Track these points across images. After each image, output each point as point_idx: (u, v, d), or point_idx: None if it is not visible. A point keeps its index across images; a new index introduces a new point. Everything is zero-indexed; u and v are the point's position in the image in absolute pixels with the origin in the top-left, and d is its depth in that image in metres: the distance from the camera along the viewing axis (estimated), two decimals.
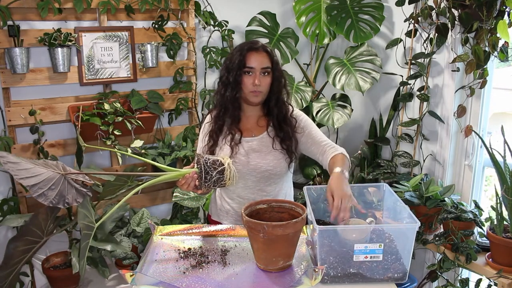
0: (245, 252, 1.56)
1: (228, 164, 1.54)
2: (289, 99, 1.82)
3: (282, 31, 2.96)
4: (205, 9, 2.80)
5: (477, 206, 2.25)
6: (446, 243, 2.19)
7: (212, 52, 2.80)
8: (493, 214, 2.04)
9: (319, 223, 1.56)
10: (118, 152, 2.38)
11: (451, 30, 2.36)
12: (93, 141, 2.45)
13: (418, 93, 2.54)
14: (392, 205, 1.64)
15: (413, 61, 2.56)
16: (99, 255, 2.29)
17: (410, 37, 2.57)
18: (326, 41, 2.82)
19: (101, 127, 2.41)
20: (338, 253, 1.38)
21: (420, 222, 1.62)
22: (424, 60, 2.53)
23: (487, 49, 2.16)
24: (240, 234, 1.67)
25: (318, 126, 1.87)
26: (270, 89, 1.74)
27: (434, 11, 2.38)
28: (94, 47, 2.49)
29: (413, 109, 2.68)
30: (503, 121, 2.26)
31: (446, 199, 2.28)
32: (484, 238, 2.15)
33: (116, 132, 2.45)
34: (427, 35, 2.49)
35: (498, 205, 2.02)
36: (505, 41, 2.11)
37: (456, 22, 2.29)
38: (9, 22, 2.23)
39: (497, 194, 2.03)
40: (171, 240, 1.66)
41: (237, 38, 2.95)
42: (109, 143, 2.46)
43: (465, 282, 2.21)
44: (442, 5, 2.31)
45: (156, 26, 2.63)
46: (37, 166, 1.54)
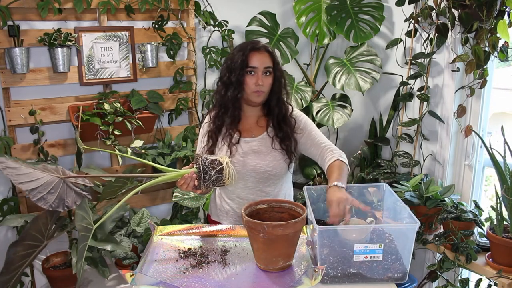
0: (245, 252, 1.56)
1: (227, 164, 1.54)
2: (289, 99, 1.82)
3: (282, 31, 2.96)
4: (205, 9, 2.80)
5: (477, 206, 2.25)
6: (446, 243, 2.19)
7: (212, 52, 2.80)
8: (493, 214, 2.04)
9: (319, 223, 1.56)
10: (118, 154, 2.38)
11: (451, 30, 2.36)
12: (93, 141, 2.45)
13: (418, 93, 2.54)
14: (392, 205, 1.64)
15: (413, 61, 2.56)
16: (99, 255, 2.29)
17: (410, 37, 2.57)
18: (326, 41, 2.82)
19: (101, 127, 2.41)
20: (338, 253, 1.38)
21: (420, 222, 1.62)
22: (424, 60, 2.53)
23: (487, 49, 2.16)
24: (240, 234, 1.67)
25: (318, 126, 1.87)
26: (271, 89, 1.73)
27: (434, 11, 2.38)
28: (94, 47, 2.49)
29: (413, 109, 2.68)
30: (503, 121, 2.26)
31: (446, 199, 2.28)
32: (484, 238, 2.15)
33: (116, 132, 2.45)
34: (427, 35, 2.49)
35: (498, 205, 2.02)
36: (505, 41, 2.11)
37: (456, 22, 2.29)
38: (9, 22, 2.23)
39: (497, 194, 2.03)
40: (171, 240, 1.66)
41: (237, 38, 2.95)
42: (109, 143, 2.46)
43: (465, 282, 2.21)
44: (442, 5, 2.31)
45: (156, 26, 2.63)
46: (36, 171, 1.55)
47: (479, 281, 2.12)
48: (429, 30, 2.47)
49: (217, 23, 2.80)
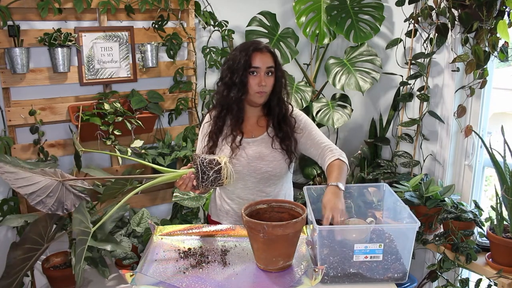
0: (245, 252, 1.56)
1: (225, 163, 1.54)
2: (289, 99, 1.82)
3: (282, 31, 2.96)
4: (205, 9, 2.80)
5: (477, 206, 2.25)
6: (446, 243, 2.19)
7: (212, 52, 2.80)
8: (493, 214, 2.04)
9: (319, 223, 1.56)
10: (118, 156, 2.39)
11: (451, 30, 2.36)
12: (93, 141, 2.45)
13: (418, 93, 2.54)
14: (392, 205, 1.64)
15: (413, 61, 2.56)
16: (99, 255, 2.29)
17: (410, 37, 2.57)
18: (326, 41, 2.82)
19: (101, 127, 2.41)
20: (338, 253, 1.38)
21: (420, 222, 1.62)
22: (424, 60, 2.53)
23: (487, 49, 2.16)
24: (240, 234, 1.67)
25: (318, 126, 1.87)
26: (273, 89, 1.73)
27: (434, 11, 2.38)
28: (94, 47, 2.49)
29: (413, 109, 2.68)
30: (503, 121, 2.26)
31: (446, 199, 2.28)
32: (484, 238, 2.15)
33: (116, 132, 2.45)
34: (427, 35, 2.49)
35: (498, 205, 2.02)
36: (505, 41, 2.11)
37: (456, 22, 2.29)
38: (9, 22, 2.23)
39: (497, 194, 2.03)
40: (171, 240, 1.66)
41: (237, 38, 2.95)
42: (109, 143, 2.46)
43: (465, 282, 2.21)
44: (442, 5, 2.31)
45: (156, 26, 2.63)
46: (35, 174, 1.55)
47: (479, 281, 2.12)
48: (429, 30, 2.47)
49: (217, 23, 2.80)
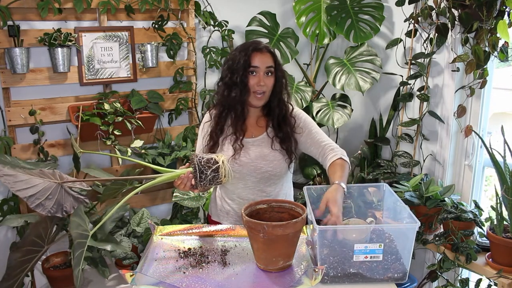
0: (245, 252, 1.56)
1: (223, 162, 1.54)
2: (289, 99, 1.81)
3: (282, 31, 2.96)
4: (205, 9, 2.80)
5: (477, 206, 2.25)
6: (446, 243, 2.19)
7: (212, 52, 2.80)
8: (493, 214, 2.04)
9: (319, 223, 1.56)
10: (118, 157, 2.39)
11: (451, 30, 2.36)
12: (93, 141, 2.45)
13: (418, 93, 2.54)
14: (392, 205, 1.64)
15: (413, 61, 2.56)
16: (99, 255, 2.29)
17: (410, 37, 2.57)
18: (326, 41, 2.82)
19: (101, 127, 2.41)
20: (338, 253, 1.38)
21: (420, 222, 1.62)
22: (424, 60, 2.53)
23: (487, 49, 2.16)
24: (240, 234, 1.67)
25: (318, 126, 1.86)
26: (273, 90, 1.73)
27: (434, 11, 2.38)
28: (94, 47, 2.49)
29: (413, 109, 2.68)
30: (503, 121, 2.26)
31: (446, 199, 2.28)
32: (484, 238, 2.15)
33: (116, 132, 2.45)
34: (427, 35, 2.49)
35: (498, 205, 2.02)
36: (505, 41, 2.11)
37: (456, 22, 2.29)
38: (9, 22, 2.23)
39: (497, 194, 2.03)
40: (171, 240, 1.66)
41: (237, 38, 2.95)
42: (109, 143, 2.46)
43: (465, 282, 2.21)
44: (442, 5, 2.31)
45: (156, 26, 2.63)
46: (34, 177, 1.55)
47: (479, 281, 2.12)
48: (429, 30, 2.47)
49: (217, 23, 2.80)
